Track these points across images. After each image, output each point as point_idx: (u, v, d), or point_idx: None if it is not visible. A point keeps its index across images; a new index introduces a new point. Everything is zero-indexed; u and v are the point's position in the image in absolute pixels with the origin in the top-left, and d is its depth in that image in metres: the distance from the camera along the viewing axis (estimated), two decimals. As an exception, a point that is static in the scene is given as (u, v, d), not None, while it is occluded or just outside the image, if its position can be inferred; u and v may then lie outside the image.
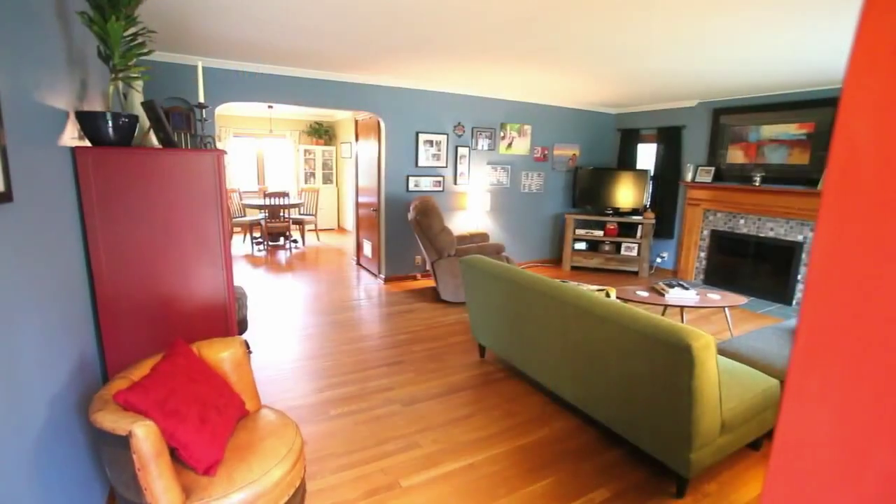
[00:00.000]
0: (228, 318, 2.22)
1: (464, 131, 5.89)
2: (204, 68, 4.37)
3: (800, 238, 4.99)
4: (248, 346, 3.74)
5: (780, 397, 2.26)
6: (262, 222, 7.36)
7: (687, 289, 3.91)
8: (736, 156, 5.50)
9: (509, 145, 6.29)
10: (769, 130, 5.17)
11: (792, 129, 4.98)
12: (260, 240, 7.82)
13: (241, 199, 8.04)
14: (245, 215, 8.05)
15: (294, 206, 7.57)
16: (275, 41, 3.67)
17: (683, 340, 1.85)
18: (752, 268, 5.45)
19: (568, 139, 6.78)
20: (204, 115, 2.54)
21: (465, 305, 4.77)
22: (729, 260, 5.69)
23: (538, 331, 2.73)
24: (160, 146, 2.17)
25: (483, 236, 5.71)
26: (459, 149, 5.89)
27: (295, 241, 8.12)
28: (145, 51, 1.95)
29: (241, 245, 7.92)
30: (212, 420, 1.57)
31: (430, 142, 5.67)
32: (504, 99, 6.07)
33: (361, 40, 3.56)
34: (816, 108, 4.77)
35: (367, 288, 5.45)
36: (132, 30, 1.93)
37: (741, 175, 5.46)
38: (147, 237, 1.97)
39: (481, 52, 3.80)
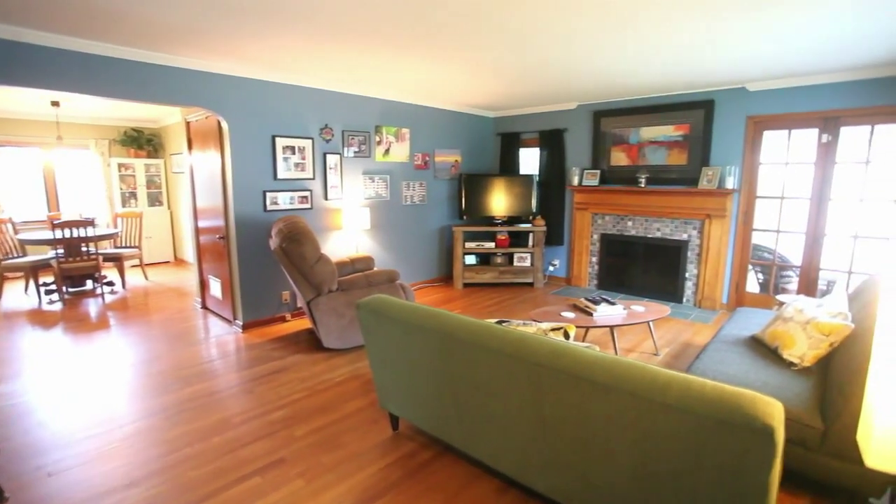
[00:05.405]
0: None
1: (332, 135, 4.88)
2: None
3: (684, 237, 5.05)
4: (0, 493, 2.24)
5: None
6: (54, 263, 5.33)
7: (613, 303, 3.49)
8: (619, 158, 5.46)
9: (386, 151, 5.44)
10: (648, 132, 5.19)
11: (669, 131, 5.04)
12: (53, 287, 5.70)
13: (15, 233, 5.80)
14: (26, 254, 5.82)
15: (105, 237, 5.67)
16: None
17: (757, 420, 1.20)
18: (643, 269, 5.43)
19: (449, 144, 6.19)
20: None
21: (356, 351, 3.77)
22: (620, 263, 5.63)
23: (488, 400, 1.92)
24: None
25: (367, 260, 4.75)
26: (328, 156, 4.85)
27: (110, 284, 6.12)
28: None
29: (22, 297, 5.68)
30: None
31: (292, 148, 4.54)
32: (378, 98, 5.22)
33: (180, -9, 2.39)
34: (690, 110, 4.87)
35: (220, 341, 4.08)
36: None
37: (626, 177, 5.42)
38: None
39: (341, 29, 2.90)
